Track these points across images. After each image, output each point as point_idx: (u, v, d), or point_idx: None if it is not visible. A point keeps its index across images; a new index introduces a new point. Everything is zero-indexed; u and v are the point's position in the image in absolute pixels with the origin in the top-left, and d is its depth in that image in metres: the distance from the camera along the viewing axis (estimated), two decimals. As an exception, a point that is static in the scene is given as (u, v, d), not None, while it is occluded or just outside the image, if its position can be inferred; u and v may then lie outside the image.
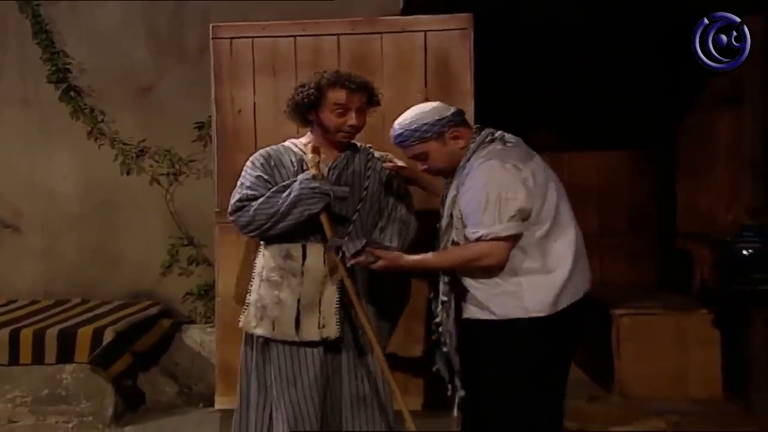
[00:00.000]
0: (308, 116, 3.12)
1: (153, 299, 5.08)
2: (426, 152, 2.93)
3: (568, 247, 2.79)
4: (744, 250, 3.83)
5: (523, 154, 2.87)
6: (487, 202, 2.73)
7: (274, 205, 3.01)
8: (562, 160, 5.33)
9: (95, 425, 4.21)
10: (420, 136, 2.90)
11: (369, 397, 3.13)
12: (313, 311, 3.03)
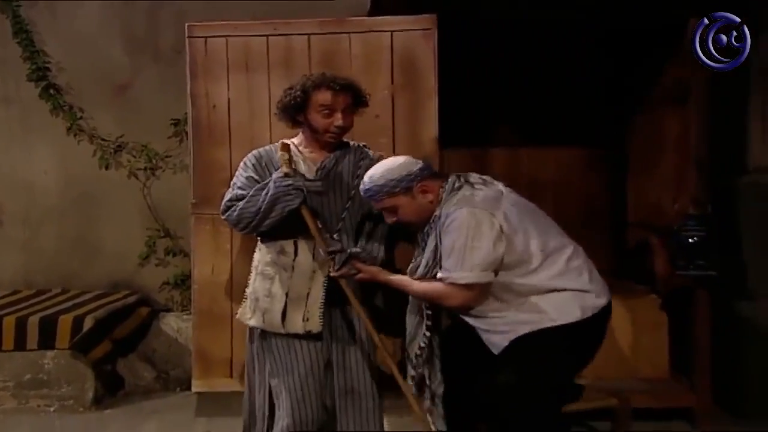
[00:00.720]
0: (297, 117, 3.11)
1: (131, 289, 5.07)
2: (395, 206, 2.93)
3: (568, 265, 2.80)
4: (689, 238, 3.88)
5: (492, 197, 2.85)
6: (452, 248, 2.75)
7: (255, 204, 3.02)
8: (520, 156, 5.38)
9: (76, 408, 4.20)
10: (388, 191, 2.90)
11: (358, 391, 3.13)
12: (299, 305, 3.05)
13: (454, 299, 2.80)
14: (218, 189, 3.86)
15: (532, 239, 2.78)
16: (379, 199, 2.93)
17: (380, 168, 2.94)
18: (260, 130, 3.88)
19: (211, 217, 3.88)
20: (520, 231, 2.77)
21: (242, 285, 3.80)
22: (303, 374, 3.06)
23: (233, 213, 3.07)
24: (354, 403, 3.13)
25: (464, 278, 2.75)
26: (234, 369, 3.85)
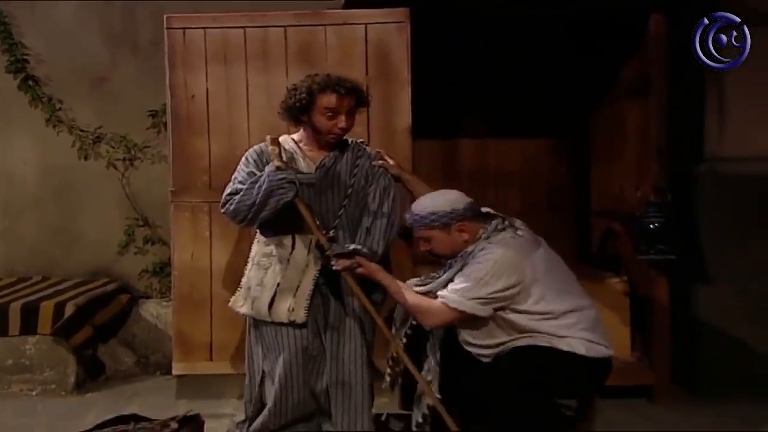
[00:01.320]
0: (300, 118, 3.07)
1: (110, 277, 5.02)
2: (430, 237, 2.95)
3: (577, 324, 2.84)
4: (650, 224, 3.92)
5: (529, 245, 2.91)
6: (469, 275, 2.80)
7: (250, 197, 2.98)
8: (488, 147, 5.41)
9: (58, 392, 4.15)
10: (428, 223, 2.93)
11: (350, 382, 3.11)
12: (287, 296, 3.03)
13: (436, 318, 2.85)
14: (197, 177, 3.87)
15: (553, 294, 2.83)
16: (417, 228, 2.97)
17: (428, 199, 2.99)
18: (238, 120, 3.87)
19: (190, 205, 3.86)
20: (543, 283, 2.82)
21: (221, 271, 3.83)
22: (287, 361, 3.05)
23: (230, 206, 3.03)
24: (345, 393, 3.10)
25: (458, 304, 2.79)
26: (214, 352, 3.83)
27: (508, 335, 2.85)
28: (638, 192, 4.10)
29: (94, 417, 3.74)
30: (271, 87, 3.82)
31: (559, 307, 2.83)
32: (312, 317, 3.06)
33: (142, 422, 2.51)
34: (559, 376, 2.80)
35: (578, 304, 2.89)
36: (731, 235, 4.17)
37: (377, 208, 3.15)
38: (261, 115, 3.84)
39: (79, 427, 3.56)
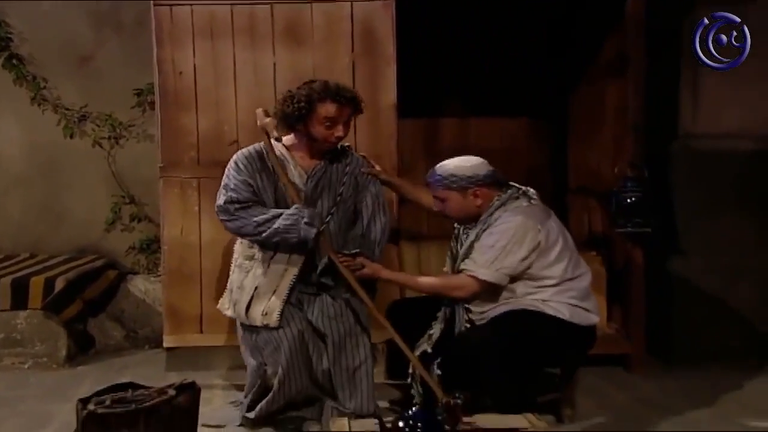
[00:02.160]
0: (296, 126, 3.03)
1: (97, 254, 4.98)
2: (446, 198, 3.02)
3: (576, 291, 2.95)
4: (627, 199, 3.96)
5: (542, 213, 3.00)
6: (492, 246, 2.86)
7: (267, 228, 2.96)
8: (469, 126, 5.41)
9: (50, 366, 4.13)
10: (447, 184, 2.99)
11: (353, 366, 3.11)
12: (263, 299, 3.02)
13: (466, 291, 2.91)
14: (185, 153, 3.85)
15: (560, 263, 2.92)
16: (436, 187, 3.03)
17: (453, 162, 3.03)
18: (226, 96, 3.85)
19: (178, 180, 3.84)
20: (554, 250, 2.91)
21: (210, 245, 3.82)
22: (288, 350, 3.01)
23: (234, 222, 2.99)
24: (349, 376, 3.10)
25: (487, 275, 2.86)
26: (204, 325, 3.83)
27: (503, 300, 2.92)
28: (616, 168, 4.14)
29: (86, 388, 3.72)
30: (259, 63, 3.82)
31: (562, 274, 2.90)
32: (304, 309, 3.08)
33: (139, 389, 2.50)
34: (544, 340, 2.84)
35: (578, 272, 2.97)
36: (704, 209, 4.24)
37: (371, 214, 3.19)
38: (248, 90, 3.83)
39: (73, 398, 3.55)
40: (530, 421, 2.38)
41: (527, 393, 2.85)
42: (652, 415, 3.40)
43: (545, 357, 2.92)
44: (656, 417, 3.36)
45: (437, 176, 3.02)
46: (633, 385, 3.86)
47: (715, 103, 4.22)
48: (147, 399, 2.39)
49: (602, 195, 4.44)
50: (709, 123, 4.25)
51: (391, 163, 3.85)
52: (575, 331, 2.89)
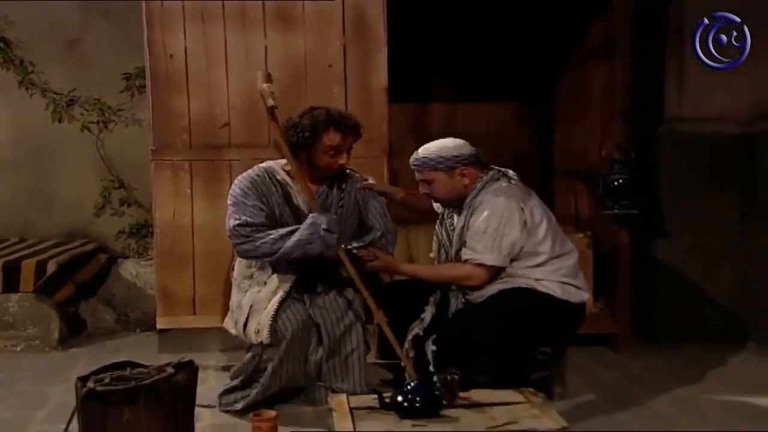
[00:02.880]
0: (299, 154, 3.03)
1: (87, 238, 4.94)
2: (432, 180, 3.00)
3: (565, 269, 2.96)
4: (615, 181, 3.99)
5: (524, 193, 3.00)
6: (485, 231, 2.86)
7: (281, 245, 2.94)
8: (457, 111, 5.43)
9: (42, 348, 4.11)
10: (433, 165, 2.98)
11: (346, 352, 3.13)
12: (256, 317, 3.05)
13: (477, 279, 2.91)
14: (177, 136, 3.84)
15: (546, 240, 2.93)
16: (422, 170, 3.00)
17: (436, 144, 3.02)
18: (217, 79, 3.83)
19: (170, 163, 3.82)
20: (541, 228, 2.92)
21: (202, 227, 3.81)
22: (290, 338, 3.03)
23: (248, 243, 2.96)
24: (342, 362, 3.13)
25: (493, 260, 2.87)
26: (197, 306, 3.82)
27: (496, 280, 2.94)
28: (603, 151, 4.17)
29: (80, 370, 3.70)
30: (250, 46, 3.81)
31: (551, 251, 2.92)
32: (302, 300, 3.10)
33: (138, 368, 2.49)
34: (537, 318, 2.86)
35: (566, 249, 2.99)
36: (688, 192, 4.28)
37: (380, 222, 3.25)
38: (240, 73, 3.81)
39: (67, 380, 3.54)
40: (526, 396, 2.40)
41: (521, 370, 2.87)
42: (639, 391, 3.44)
43: (538, 334, 2.94)
44: (644, 394, 3.40)
45: (422, 158, 3.00)
46: (619, 364, 3.90)
47: (700, 87, 4.24)
48: (146, 377, 2.38)
49: (589, 178, 4.47)
50: (694, 107, 4.27)
51: (382, 145, 3.86)
52: (566, 309, 2.92)
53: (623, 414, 3.14)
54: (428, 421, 2.16)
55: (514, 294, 2.88)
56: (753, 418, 3.08)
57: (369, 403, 2.31)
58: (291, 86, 3.79)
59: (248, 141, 3.82)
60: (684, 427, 3.00)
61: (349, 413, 2.19)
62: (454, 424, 2.15)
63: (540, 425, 2.14)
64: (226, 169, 3.82)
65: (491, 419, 2.18)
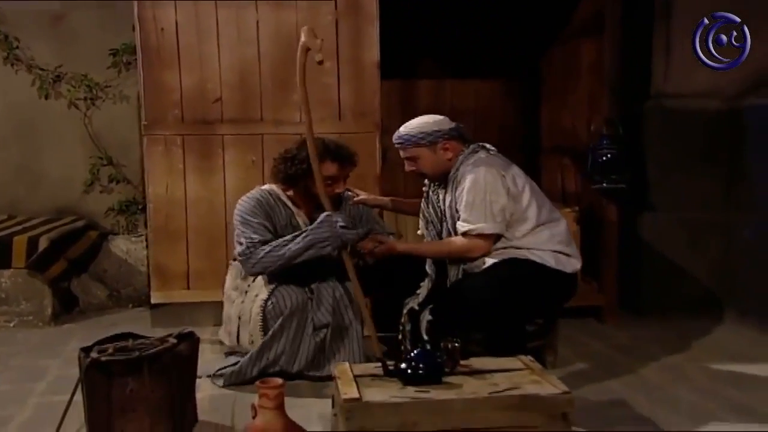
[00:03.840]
0: (297, 183, 3.12)
1: (76, 215, 4.89)
2: (417, 156, 3.02)
3: (554, 236, 2.95)
4: (604, 156, 4.02)
5: (504, 162, 3.02)
6: (473, 202, 2.87)
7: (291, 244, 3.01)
8: (444, 87, 5.43)
9: (35, 324, 4.07)
10: (416, 141, 2.99)
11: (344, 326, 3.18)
12: (246, 326, 3.09)
13: (480, 249, 2.91)
14: (169, 110, 3.80)
15: (532, 206, 2.94)
16: (406, 147, 3.02)
17: (417, 120, 3.05)
18: (209, 54, 3.79)
19: (163, 138, 3.78)
20: (525, 195, 2.93)
21: (196, 202, 3.79)
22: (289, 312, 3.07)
23: (263, 259, 3.01)
24: (340, 336, 3.16)
25: (491, 228, 2.88)
26: (191, 281, 3.80)
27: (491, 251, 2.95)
28: (592, 126, 4.18)
29: (75, 345, 3.67)
30: (242, 21, 3.76)
31: (537, 217, 2.94)
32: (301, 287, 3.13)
33: (140, 339, 2.48)
34: (532, 287, 2.88)
35: (553, 217, 3.00)
36: (674, 166, 4.32)
37: (379, 228, 3.40)
38: (231, 48, 3.77)
39: (63, 354, 3.54)
40: (524, 363, 2.42)
41: (516, 339, 2.89)
42: (628, 360, 3.49)
43: (532, 304, 2.96)
44: (632, 362, 3.45)
45: (405, 135, 3.02)
46: (607, 335, 3.96)
47: (686, 63, 4.24)
48: (149, 347, 2.38)
49: (576, 153, 4.49)
50: (681, 83, 4.29)
51: (374, 120, 3.85)
52: (560, 279, 2.93)
53: (614, 381, 3.19)
54: (431, 387, 2.17)
55: (509, 265, 2.89)
56: (738, 384, 3.15)
57: (372, 371, 2.31)
58: (283, 60, 3.76)
59: (240, 116, 3.79)
60: (673, 393, 3.05)
61: (353, 380, 2.19)
62: (457, 390, 2.16)
63: (542, 390, 2.16)
64: (219, 144, 3.79)
65: (493, 385, 2.20)
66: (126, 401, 2.32)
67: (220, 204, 3.79)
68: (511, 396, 2.13)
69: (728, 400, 2.95)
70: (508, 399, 2.12)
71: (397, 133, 3.05)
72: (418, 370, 2.19)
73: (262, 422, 2.03)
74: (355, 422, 2.03)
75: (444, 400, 2.10)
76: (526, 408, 2.11)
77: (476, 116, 5.47)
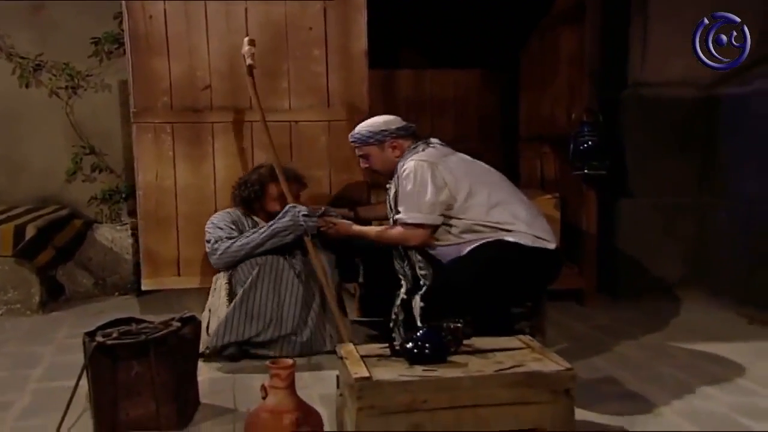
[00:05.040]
0: (254, 205, 3.39)
1: (59, 204, 4.78)
2: (366, 154, 3.18)
3: (516, 216, 2.93)
4: (584, 143, 4.05)
5: (439, 153, 3.05)
6: (404, 194, 2.95)
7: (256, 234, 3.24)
8: (424, 77, 5.45)
9: (23, 312, 3.99)
10: (364, 140, 3.15)
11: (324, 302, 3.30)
12: (215, 317, 3.19)
13: (416, 238, 2.97)
14: (158, 98, 3.73)
15: (478, 189, 2.94)
16: (356, 145, 3.19)
17: (368, 121, 3.21)
18: (198, 42, 3.72)
19: (152, 126, 3.71)
20: (464, 180, 2.94)
21: (185, 189, 3.74)
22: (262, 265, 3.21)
23: (228, 248, 3.23)
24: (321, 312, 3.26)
25: (413, 218, 2.93)
26: (181, 267, 3.74)
27: (455, 236, 2.96)
28: (573, 114, 4.21)
29: (66, 332, 3.66)
30: (230, 8, 3.70)
31: (488, 201, 2.93)
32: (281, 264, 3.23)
33: (143, 323, 2.44)
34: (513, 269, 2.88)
35: (508, 198, 3.00)
36: (651, 153, 4.38)
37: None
38: (220, 36, 3.71)
39: (54, 341, 3.48)
40: (524, 342, 2.44)
41: (503, 321, 2.90)
42: (610, 340, 3.54)
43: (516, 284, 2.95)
44: (615, 342, 3.50)
45: (356, 135, 3.17)
46: (588, 317, 4.01)
47: (662, 52, 4.32)
48: (153, 331, 2.34)
49: (556, 140, 4.52)
50: (656, 72, 4.36)
51: (362, 108, 3.82)
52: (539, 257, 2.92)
53: (600, 360, 3.24)
54: (438, 366, 2.17)
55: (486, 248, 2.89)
56: (718, 361, 3.21)
57: (377, 351, 2.31)
58: (272, 48, 3.72)
59: (230, 104, 3.73)
60: (657, 370, 3.10)
61: (360, 360, 2.19)
62: (463, 368, 2.17)
63: (546, 368, 2.17)
64: (209, 132, 3.74)
65: (498, 363, 2.21)
66: (131, 384, 2.29)
67: (209, 191, 3.74)
68: (516, 373, 2.14)
69: (711, 375, 3.01)
70: (513, 376, 2.13)
71: (352, 133, 3.20)
72: (424, 350, 2.20)
73: (274, 402, 2.01)
74: (366, 401, 2.02)
75: (452, 377, 2.10)
76: (531, 384, 2.13)
77: (456, 106, 5.51)
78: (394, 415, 2.05)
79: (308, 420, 2.01)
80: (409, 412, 2.06)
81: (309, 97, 3.76)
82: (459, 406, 2.08)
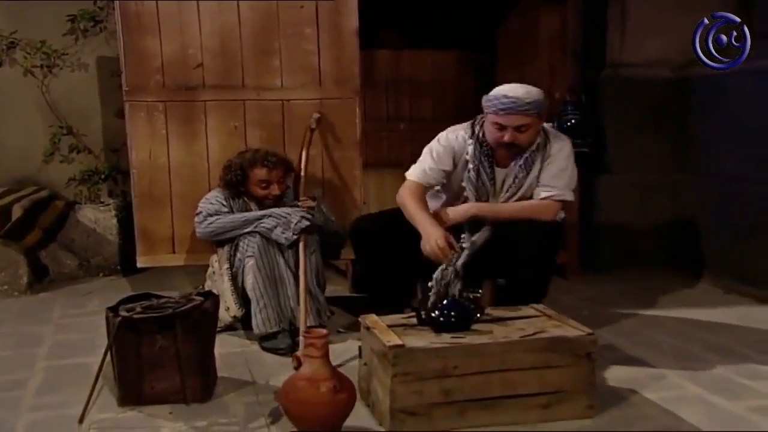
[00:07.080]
0: (240, 189, 3.34)
1: (37, 185, 4.64)
2: (530, 125, 2.82)
3: None
4: (568, 121, 4.13)
5: None
6: (564, 171, 2.94)
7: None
8: (402, 58, 5.43)
9: (11, 293, 3.88)
10: (540, 109, 2.84)
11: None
12: (221, 301, 3.11)
13: (552, 213, 2.93)
14: (150, 77, 3.65)
15: None
16: (528, 114, 2.79)
17: (526, 89, 2.84)
18: (189, 20, 3.64)
19: (145, 104, 3.63)
20: None
21: (179, 167, 3.68)
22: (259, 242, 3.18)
23: (215, 223, 3.25)
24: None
25: (569, 196, 2.96)
26: (176, 245, 3.69)
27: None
28: (556, 94, 4.28)
29: (59, 312, 3.59)
30: (222, -14, 3.64)
31: None
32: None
33: (163, 298, 2.41)
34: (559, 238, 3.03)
35: None
36: (628, 132, 4.48)
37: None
38: (212, 14, 3.64)
39: (50, 321, 3.40)
40: (538, 310, 2.49)
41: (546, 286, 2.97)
42: (601, 310, 3.64)
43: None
44: (605, 311, 3.60)
45: (534, 103, 2.79)
46: (573, 290, 4.09)
47: (640, 33, 4.41)
48: (176, 306, 2.31)
49: (543, 118, 4.57)
50: (634, 52, 4.45)
51: (354, 86, 3.81)
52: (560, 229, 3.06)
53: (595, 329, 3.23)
54: (464, 334, 2.21)
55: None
56: (708, 328, 3.33)
57: (401, 321, 2.33)
58: (263, 27, 3.67)
59: (222, 82, 3.68)
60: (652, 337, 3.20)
61: (388, 329, 2.21)
62: (489, 335, 2.21)
63: (568, 333, 2.23)
64: (201, 110, 3.67)
65: (521, 330, 2.26)
66: (155, 358, 2.26)
67: (203, 169, 3.68)
68: (540, 339, 2.19)
69: (705, 342, 3.12)
70: (538, 341, 2.18)
71: (525, 99, 2.77)
72: (450, 318, 2.23)
73: (309, 371, 2.01)
74: (400, 367, 2.05)
75: (481, 344, 2.14)
76: (554, 349, 2.18)
77: (434, 87, 5.51)
78: (426, 381, 2.08)
79: (344, 387, 2.02)
80: (440, 377, 2.09)
81: (301, 76, 3.72)
82: (488, 371, 2.12)
